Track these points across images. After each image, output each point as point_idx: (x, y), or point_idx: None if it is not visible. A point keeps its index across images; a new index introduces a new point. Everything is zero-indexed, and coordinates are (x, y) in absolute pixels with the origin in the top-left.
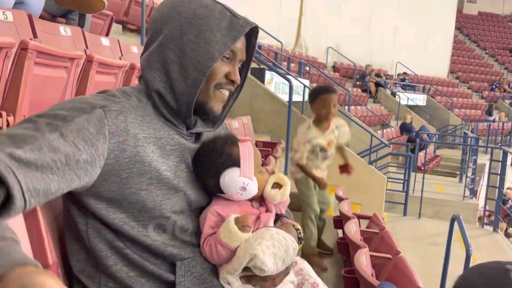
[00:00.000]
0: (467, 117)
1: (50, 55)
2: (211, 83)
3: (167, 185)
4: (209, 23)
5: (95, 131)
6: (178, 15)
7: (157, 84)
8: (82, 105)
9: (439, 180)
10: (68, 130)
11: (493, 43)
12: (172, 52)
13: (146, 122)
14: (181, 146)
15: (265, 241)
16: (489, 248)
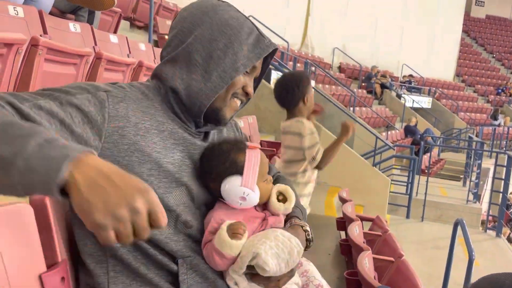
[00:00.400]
0: (472, 121)
1: (60, 52)
2: (230, 92)
3: (169, 178)
4: (239, 36)
5: (94, 110)
6: (211, 20)
7: (175, 80)
8: (87, 86)
9: (443, 184)
10: (68, 102)
11: (500, 47)
12: (198, 54)
13: (148, 114)
14: (185, 141)
15: (269, 241)
16: (492, 253)
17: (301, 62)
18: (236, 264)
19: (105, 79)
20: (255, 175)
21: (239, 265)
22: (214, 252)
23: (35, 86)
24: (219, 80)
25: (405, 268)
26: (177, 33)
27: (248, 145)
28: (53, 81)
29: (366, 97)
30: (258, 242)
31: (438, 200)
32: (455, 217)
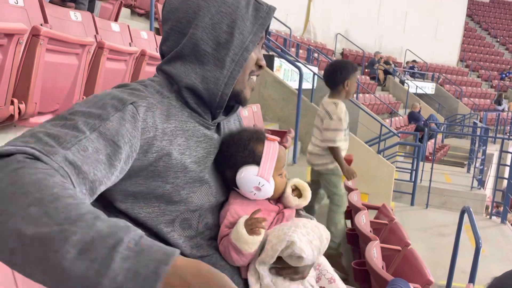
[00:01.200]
0: (476, 106)
1: (61, 42)
2: (247, 72)
3: (193, 178)
4: (239, 12)
5: (130, 127)
6: (206, 3)
7: (189, 77)
8: (113, 102)
9: (447, 170)
10: (106, 129)
11: (505, 31)
12: (205, 44)
13: (172, 116)
14: (206, 138)
15: (299, 229)
16: (497, 240)
17: (304, 49)
18: (265, 254)
19: (108, 69)
20: (272, 167)
21: (269, 254)
22: (231, 247)
23: (37, 76)
24: (234, 64)
25: (412, 257)
26: (173, 25)
27: (268, 136)
28: (55, 72)
29: (369, 83)
30: (289, 231)
31: (442, 187)
32: (460, 203)
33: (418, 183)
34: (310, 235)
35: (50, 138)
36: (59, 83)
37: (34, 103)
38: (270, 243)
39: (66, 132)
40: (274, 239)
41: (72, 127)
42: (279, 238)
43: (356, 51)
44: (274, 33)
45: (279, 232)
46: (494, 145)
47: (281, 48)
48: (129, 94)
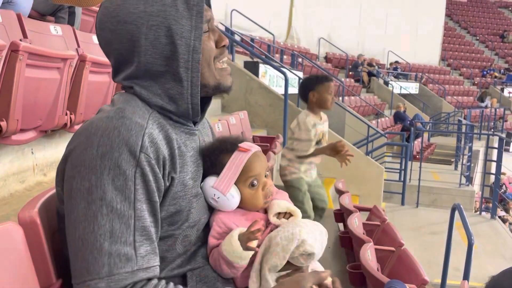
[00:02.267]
0: (460, 104)
1: (42, 56)
2: (210, 64)
3: (193, 194)
4: (169, 15)
5: (153, 178)
6: (134, 25)
7: (154, 100)
8: (124, 157)
9: (435, 168)
10: (140, 195)
11: (483, 29)
12: (155, 64)
13: (165, 138)
14: (193, 150)
15: (303, 227)
16: (488, 236)
17: (288, 54)
18: (277, 257)
19: (90, 82)
20: (232, 179)
21: (281, 256)
22: (223, 261)
23: (18, 92)
24: (189, 72)
25: (406, 257)
26: (116, 58)
27: (239, 146)
28: (37, 87)
29: (354, 86)
30: (295, 230)
31: (431, 185)
32: (449, 201)
33: (407, 183)
34: (314, 232)
35: (117, 246)
36: (41, 98)
37: (16, 120)
38: (278, 245)
39: (120, 228)
40: (283, 240)
41: (117, 217)
42: (288, 238)
43: (340, 54)
44: (258, 40)
45: (285, 233)
46: (479, 142)
47: (265, 54)
48: (128, 133)
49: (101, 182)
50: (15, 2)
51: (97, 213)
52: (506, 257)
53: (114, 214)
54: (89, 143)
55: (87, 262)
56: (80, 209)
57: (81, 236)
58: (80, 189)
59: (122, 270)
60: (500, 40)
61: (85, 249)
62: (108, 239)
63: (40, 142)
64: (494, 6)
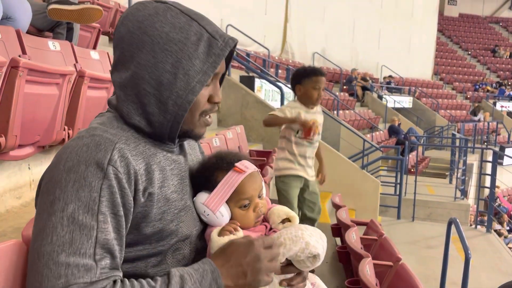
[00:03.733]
0: (453, 117)
1: (41, 72)
2: (196, 113)
3: (178, 207)
4: (186, 50)
5: (119, 192)
6: (150, 39)
7: (133, 118)
8: (91, 169)
9: (429, 182)
10: (104, 207)
11: (475, 44)
12: (146, 83)
13: (140, 153)
14: (175, 163)
15: (305, 231)
16: (484, 250)
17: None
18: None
19: (89, 97)
20: (223, 198)
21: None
22: None
23: (17, 108)
24: (177, 108)
25: (405, 272)
26: (119, 56)
27: (235, 166)
28: (35, 103)
29: (349, 100)
30: (297, 233)
31: (426, 199)
32: (445, 214)
33: (402, 196)
34: (315, 235)
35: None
36: (40, 114)
37: (15, 136)
38: (282, 244)
39: (80, 239)
40: (287, 241)
41: (78, 228)
42: (292, 240)
43: (334, 68)
44: (253, 54)
45: (288, 235)
46: (473, 155)
47: (260, 68)
48: (97, 148)
49: (64, 194)
50: (14, 18)
51: (57, 224)
52: (502, 271)
53: (75, 225)
54: (58, 161)
55: (41, 275)
56: (41, 221)
57: (38, 249)
58: (45, 203)
59: (81, 280)
60: (492, 55)
61: (40, 261)
62: (66, 250)
63: (37, 158)
64: (485, 21)
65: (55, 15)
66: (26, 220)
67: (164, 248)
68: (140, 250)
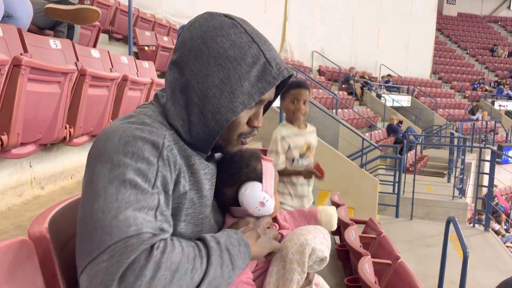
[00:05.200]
0: (451, 116)
1: (43, 71)
2: (233, 133)
3: (201, 214)
4: (239, 69)
5: (168, 174)
6: (208, 51)
7: (176, 120)
8: (148, 147)
9: (428, 181)
10: (160, 182)
11: (473, 43)
12: (194, 93)
13: (181, 151)
14: (209, 168)
15: (309, 235)
16: (482, 248)
17: None
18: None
19: (90, 96)
20: (272, 184)
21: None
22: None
23: (19, 106)
24: (214, 123)
25: (403, 270)
26: (178, 58)
27: (263, 156)
28: (37, 101)
29: (347, 98)
30: (299, 240)
31: (424, 198)
32: (443, 213)
33: (401, 195)
34: (318, 237)
35: (141, 214)
36: (42, 112)
37: (17, 134)
38: (293, 262)
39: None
40: (295, 255)
41: (141, 192)
42: (299, 251)
43: (333, 67)
44: None
45: (294, 246)
46: (471, 154)
47: None
48: (150, 133)
49: (123, 162)
50: (15, 17)
51: (120, 187)
52: (500, 269)
53: (138, 189)
54: (111, 136)
55: (110, 226)
56: (101, 185)
57: (101, 206)
58: (101, 170)
59: (150, 230)
60: (490, 54)
61: (106, 216)
62: (133, 205)
63: (38, 156)
64: (484, 20)
65: (51, 14)
66: (28, 217)
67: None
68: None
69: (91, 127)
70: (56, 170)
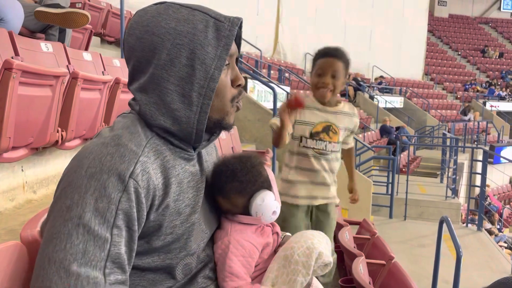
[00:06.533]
0: (443, 117)
1: (35, 74)
2: (225, 100)
3: (189, 221)
4: (196, 39)
5: (136, 207)
6: (160, 38)
7: (157, 119)
8: (112, 180)
9: (421, 181)
10: (120, 220)
11: (465, 44)
12: (167, 81)
13: (160, 166)
14: (192, 175)
15: (314, 239)
16: (475, 247)
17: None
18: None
19: (82, 99)
20: (276, 190)
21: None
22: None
23: (10, 110)
24: (201, 98)
25: (397, 270)
26: (134, 65)
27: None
28: (29, 105)
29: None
30: (306, 244)
31: (418, 198)
32: (436, 213)
33: (394, 196)
34: (323, 242)
35: (86, 269)
36: (33, 116)
37: (8, 138)
38: (298, 263)
39: (93, 250)
40: (301, 257)
41: (93, 238)
42: (306, 254)
43: None
44: (245, 55)
45: (300, 249)
46: (463, 154)
47: (253, 69)
48: (121, 160)
49: (83, 201)
50: (6, 20)
51: (72, 231)
52: (493, 269)
53: (90, 235)
54: (80, 165)
55: (50, 281)
56: (56, 226)
57: (50, 254)
58: (61, 207)
59: None
60: (481, 55)
61: (51, 267)
62: (78, 260)
63: (30, 160)
64: (475, 22)
65: (41, 18)
66: (19, 222)
67: (173, 261)
68: (149, 263)
69: (84, 130)
70: (48, 174)
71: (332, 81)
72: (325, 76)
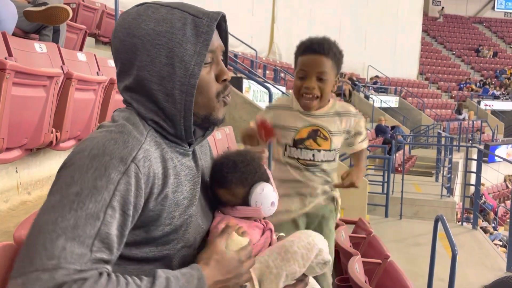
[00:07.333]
0: (438, 116)
1: (28, 75)
2: (210, 95)
3: (186, 213)
4: (174, 38)
5: (135, 191)
6: (140, 40)
7: (150, 116)
8: (114, 162)
9: (416, 180)
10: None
11: (459, 43)
12: (150, 82)
13: (159, 156)
14: (189, 169)
15: (315, 238)
16: (471, 246)
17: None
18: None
19: (76, 99)
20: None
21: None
22: None
23: (4, 111)
24: (184, 95)
25: (393, 269)
26: (120, 67)
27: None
28: (23, 106)
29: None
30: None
31: (413, 197)
32: (431, 212)
33: (390, 195)
34: (323, 241)
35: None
36: (28, 116)
37: (2, 139)
38: (297, 253)
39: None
40: (301, 249)
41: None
42: (307, 247)
43: None
44: (241, 55)
45: (301, 242)
46: (458, 153)
47: (248, 69)
48: (124, 145)
49: (82, 179)
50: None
51: (66, 206)
52: (488, 267)
53: (83, 212)
54: (83, 148)
55: (35, 251)
56: (51, 201)
57: (41, 224)
58: (61, 185)
59: (71, 266)
60: (476, 55)
61: (38, 237)
62: (67, 234)
63: (24, 161)
64: (469, 21)
65: (28, 17)
66: (14, 223)
67: (170, 252)
68: (147, 253)
69: (78, 131)
70: (42, 175)
71: (319, 85)
72: (309, 79)
